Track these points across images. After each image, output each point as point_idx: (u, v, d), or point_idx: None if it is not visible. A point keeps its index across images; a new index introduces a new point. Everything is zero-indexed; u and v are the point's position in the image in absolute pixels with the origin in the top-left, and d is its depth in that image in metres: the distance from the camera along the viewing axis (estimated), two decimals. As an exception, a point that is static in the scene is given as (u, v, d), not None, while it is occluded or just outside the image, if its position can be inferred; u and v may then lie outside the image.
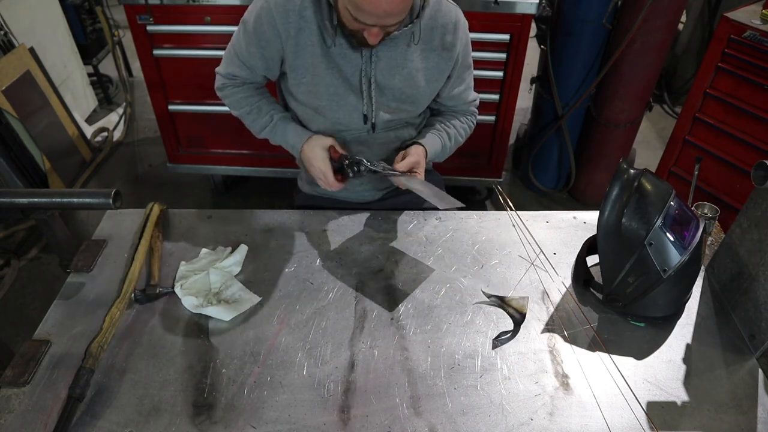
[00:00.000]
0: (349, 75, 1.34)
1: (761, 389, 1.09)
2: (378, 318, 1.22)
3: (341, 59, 1.32)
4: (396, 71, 1.35)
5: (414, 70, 1.36)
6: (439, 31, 1.34)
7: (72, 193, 1.28)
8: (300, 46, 1.31)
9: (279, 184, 3.03)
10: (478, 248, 1.40)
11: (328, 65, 1.32)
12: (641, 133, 3.40)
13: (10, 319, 2.42)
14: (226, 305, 1.22)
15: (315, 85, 1.35)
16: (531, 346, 1.16)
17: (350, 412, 1.03)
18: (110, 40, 3.77)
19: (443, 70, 1.40)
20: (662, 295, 1.16)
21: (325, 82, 1.34)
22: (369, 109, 1.39)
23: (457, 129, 1.51)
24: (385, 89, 1.37)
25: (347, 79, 1.34)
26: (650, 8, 2.32)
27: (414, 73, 1.36)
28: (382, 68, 1.34)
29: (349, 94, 1.36)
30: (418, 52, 1.35)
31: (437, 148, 1.45)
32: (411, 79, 1.37)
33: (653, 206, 1.13)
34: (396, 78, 1.36)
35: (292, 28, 1.28)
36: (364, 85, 1.35)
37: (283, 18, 1.28)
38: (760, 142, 2.21)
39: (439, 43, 1.36)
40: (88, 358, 1.07)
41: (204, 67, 2.48)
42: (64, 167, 3.09)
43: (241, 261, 1.34)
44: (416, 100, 1.41)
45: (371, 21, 1.16)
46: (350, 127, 1.43)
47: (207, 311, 1.21)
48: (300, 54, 1.32)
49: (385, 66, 1.34)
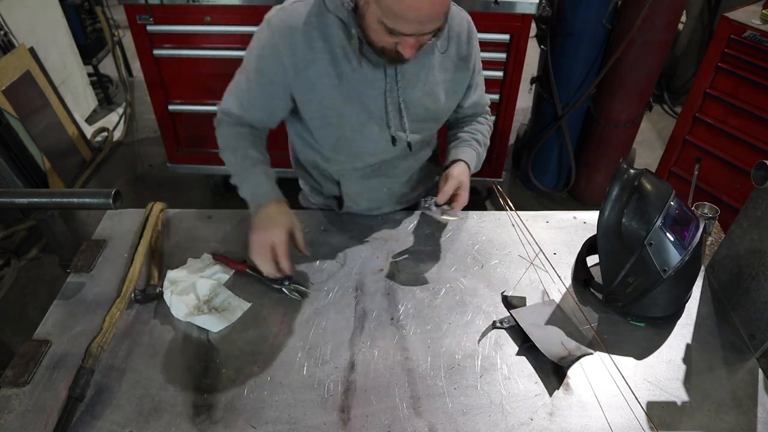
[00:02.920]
0: (372, 100, 1.23)
1: (761, 389, 1.09)
2: (378, 318, 1.22)
3: (362, 85, 1.21)
4: (419, 86, 1.25)
5: (435, 84, 1.27)
6: (454, 41, 1.27)
7: (72, 193, 1.28)
8: (311, 80, 1.20)
9: (279, 184, 3.03)
10: (478, 248, 1.40)
11: (347, 96, 1.22)
12: (641, 133, 3.40)
13: (10, 319, 2.42)
14: (216, 314, 1.21)
15: (333, 118, 1.24)
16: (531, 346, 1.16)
17: (350, 412, 1.03)
18: (110, 40, 3.77)
19: (461, 82, 1.33)
20: (662, 295, 1.16)
21: (345, 114, 1.24)
22: (398, 130, 1.29)
23: (482, 133, 1.43)
24: (411, 108, 1.27)
25: (369, 105, 1.24)
26: (650, 8, 2.32)
27: (435, 88, 1.28)
28: (406, 85, 1.24)
29: (372, 121, 1.25)
30: (438, 65, 1.26)
31: (474, 159, 1.37)
32: (433, 95, 1.28)
33: (653, 206, 1.13)
34: (419, 94, 1.26)
35: (300, 60, 1.18)
36: (390, 107, 1.24)
37: (291, 51, 1.17)
38: (760, 142, 2.21)
39: (456, 53, 1.28)
40: (88, 358, 1.07)
41: (204, 67, 2.49)
42: (64, 167, 3.09)
43: (228, 270, 1.32)
44: (437, 116, 1.34)
45: (411, 29, 1.05)
46: (377, 153, 1.33)
47: (196, 320, 1.19)
48: (312, 89, 1.21)
49: (409, 83, 1.24)
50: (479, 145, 1.41)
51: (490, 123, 1.50)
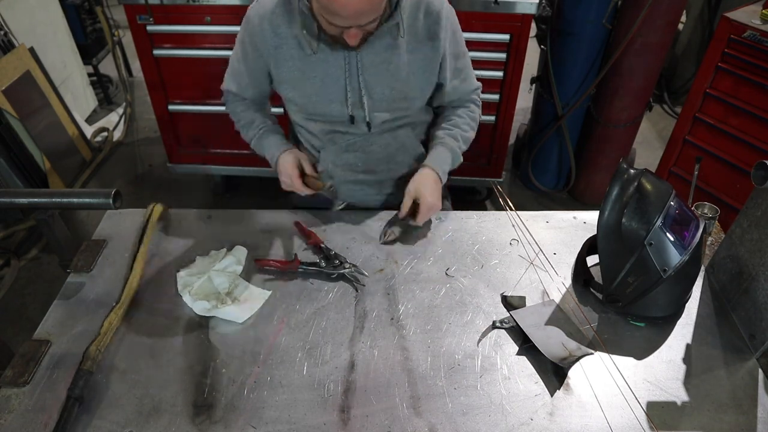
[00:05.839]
0: (333, 80, 1.34)
1: (761, 389, 1.09)
2: (378, 318, 1.22)
3: (324, 65, 1.33)
4: (382, 68, 1.34)
5: (401, 64, 1.34)
6: (422, 22, 1.33)
7: (72, 193, 1.28)
8: (279, 61, 1.35)
9: (279, 184, 3.03)
10: (478, 248, 1.40)
11: (310, 74, 1.34)
12: (641, 133, 3.40)
13: (10, 319, 2.42)
14: (239, 305, 1.21)
15: (301, 95, 1.38)
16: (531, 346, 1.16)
17: (350, 412, 1.03)
18: (110, 40, 3.77)
19: (432, 61, 1.38)
20: (662, 295, 1.16)
21: (309, 91, 1.37)
22: (359, 110, 1.38)
23: (460, 127, 1.48)
24: (375, 88, 1.36)
25: (330, 86, 1.35)
26: (650, 8, 2.32)
27: (401, 67, 1.35)
28: (368, 67, 1.33)
29: (334, 99, 1.36)
30: (404, 46, 1.34)
31: (446, 158, 1.44)
32: (398, 74, 1.35)
33: (653, 206, 1.13)
34: (384, 75, 1.35)
35: (270, 46, 1.33)
36: (349, 87, 1.34)
37: (261, 37, 1.33)
38: (760, 142, 2.21)
39: (424, 34, 1.34)
40: (86, 361, 1.07)
41: (204, 67, 2.49)
42: (64, 167, 3.09)
43: (242, 260, 1.34)
44: (407, 95, 1.40)
45: (345, 23, 1.16)
46: (342, 129, 1.43)
47: (220, 313, 1.20)
48: (281, 68, 1.36)
49: (370, 64, 1.33)
50: (455, 140, 1.46)
51: (473, 115, 1.52)
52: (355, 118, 1.40)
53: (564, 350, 1.12)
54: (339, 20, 1.15)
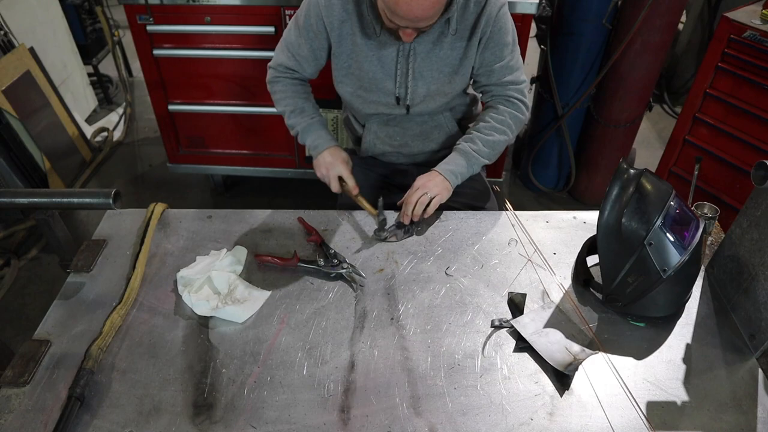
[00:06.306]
0: (387, 63, 1.47)
1: (761, 389, 1.09)
2: (378, 318, 1.22)
3: (380, 49, 1.46)
4: (432, 56, 1.47)
5: (448, 54, 1.47)
6: (471, 12, 1.42)
7: (72, 193, 1.28)
8: (342, 36, 1.47)
9: (279, 184, 3.04)
10: (478, 248, 1.40)
11: (367, 53, 1.47)
12: (641, 133, 3.40)
13: (10, 319, 2.42)
14: (239, 305, 1.22)
15: (356, 69, 1.51)
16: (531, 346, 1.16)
17: (350, 412, 1.03)
18: (110, 40, 3.77)
19: (468, 56, 1.48)
20: (662, 295, 1.16)
21: (364, 68, 1.49)
22: (403, 92, 1.52)
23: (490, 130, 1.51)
24: (420, 76, 1.49)
25: (384, 66, 1.48)
26: (650, 8, 2.32)
27: (448, 57, 1.48)
28: (419, 54, 1.46)
29: (385, 79, 1.50)
30: (450, 39, 1.45)
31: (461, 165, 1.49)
32: (445, 63, 1.48)
33: (653, 206, 1.13)
34: (433, 63, 1.47)
35: (336, 20, 1.44)
36: (399, 72, 1.48)
37: (328, 11, 1.43)
38: (760, 142, 2.20)
39: (471, 24, 1.44)
40: (88, 360, 1.07)
41: (204, 67, 2.49)
42: (64, 167, 3.09)
43: (242, 260, 1.34)
44: (451, 81, 1.52)
45: (404, 23, 1.28)
46: (386, 107, 1.56)
47: (220, 314, 1.20)
48: (342, 43, 1.48)
49: (421, 51, 1.46)
50: (480, 143, 1.51)
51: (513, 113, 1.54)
52: (400, 99, 1.53)
53: (568, 354, 1.11)
54: (399, 20, 1.27)
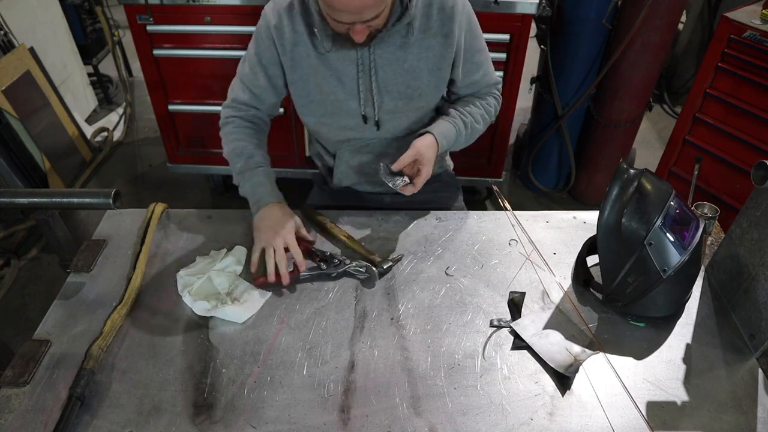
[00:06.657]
0: (348, 81, 1.36)
1: (761, 389, 1.09)
2: (378, 318, 1.22)
3: (339, 64, 1.34)
4: (397, 65, 1.34)
5: (415, 61, 1.35)
6: (435, 17, 1.32)
7: (72, 193, 1.28)
8: (296, 60, 1.35)
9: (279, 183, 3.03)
10: (478, 248, 1.40)
11: (325, 74, 1.35)
12: (641, 133, 3.40)
13: (10, 319, 2.42)
14: (239, 305, 1.21)
15: (316, 94, 1.38)
16: (531, 346, 1.16)
17: (350, 412, 1.03)
18: (110, 40, 3.77)
19: (445, 57, 1.37)
20: (662, 295, 1.16)
21: (324, 90, 1.37)
22: (370, 111, 1.39)
23: (473, 116, 1.45)
24: (388, 87, 1.37)
25: (345, 86, 1.36)
26: (650, 8, 2.32)
27: (416, 65, 1.35)
28: (381, 65, 1.34)
29: (348, 99, 1.38)
30: (418, 43, 1.33)
31: (450, 135, 1.40)
32: (413, 72, 1.36)
33: (653, 206, 1.13)
34: (397, 73, 1.35)
35: (288, 42, 1.33)
36: (362, 89, 1.36)
37: (279, 33, 1.33)
38: (760, 142, 2.21)
39: (438, 29, 1.33)
40: (89, 360, 1.07)
41: (204, 67, 2.49)
42: (64, 167, 3.09)
43: (242, 260, 1.34)
44: (423, 93, 1.40)
45: (348, 19, 1.16)
46: (354, 131, 1.45)
47: (219, 314, 1.20)
48: (297, 68, 1.36)
49: (385, 63, 1.34)
50: (464, 126, 1.43)
51: (489, 109, 1.50)
52: (367, 118, 1.41)
53: (568, 356, 1.11)
54: (343, 16, 1.16)
